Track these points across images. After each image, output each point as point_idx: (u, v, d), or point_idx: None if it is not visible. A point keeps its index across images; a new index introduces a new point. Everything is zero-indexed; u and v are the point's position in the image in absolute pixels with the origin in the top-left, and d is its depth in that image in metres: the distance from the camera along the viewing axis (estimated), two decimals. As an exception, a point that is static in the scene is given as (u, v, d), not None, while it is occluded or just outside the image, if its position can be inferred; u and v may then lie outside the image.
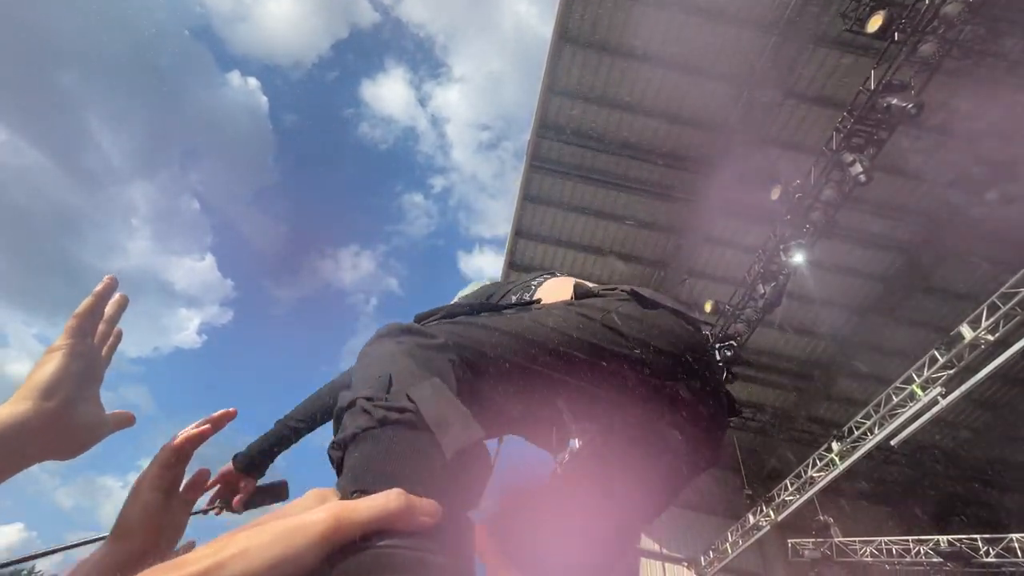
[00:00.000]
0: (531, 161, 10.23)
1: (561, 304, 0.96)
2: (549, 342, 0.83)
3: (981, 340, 7.59)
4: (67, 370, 0.56)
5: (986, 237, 9.40)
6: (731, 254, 10.72)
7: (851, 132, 7.09)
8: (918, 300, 10.84)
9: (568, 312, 0.91)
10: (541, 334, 0.84)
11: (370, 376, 0.63)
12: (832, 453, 9.68)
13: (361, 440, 0.52)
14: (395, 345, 0.71)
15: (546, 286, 1.31)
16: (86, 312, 0.59)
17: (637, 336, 0.88)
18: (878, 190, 9.11)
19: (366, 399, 0.56)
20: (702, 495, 13.23)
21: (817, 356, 12.31)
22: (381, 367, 0.65)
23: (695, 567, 12.16)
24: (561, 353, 0.83)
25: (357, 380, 0.66)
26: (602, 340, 0.86)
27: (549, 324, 0.87)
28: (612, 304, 0.93)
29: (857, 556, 10.31)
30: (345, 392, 0.64)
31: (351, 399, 0.59)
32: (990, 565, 8.81)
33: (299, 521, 0.34)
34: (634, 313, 0.92)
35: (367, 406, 0.55)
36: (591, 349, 0.85)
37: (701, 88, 9.02)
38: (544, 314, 0.90)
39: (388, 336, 0.75)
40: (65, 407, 0.54)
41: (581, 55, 8.91)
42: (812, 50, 8.33)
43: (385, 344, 0.72)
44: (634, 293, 0.98)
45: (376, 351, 0.71)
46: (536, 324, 0.86)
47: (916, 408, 8.23)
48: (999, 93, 7.93)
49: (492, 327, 0.82)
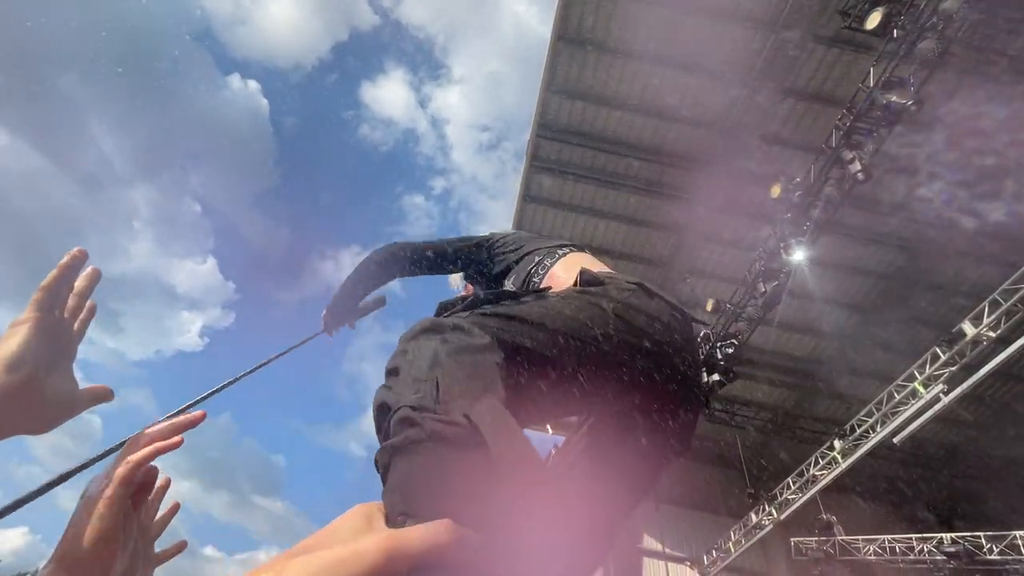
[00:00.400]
0: (531, 161, 10.24)
1: (572, 291, 0.96)
2: (571, 331, 0.84)
3: (983, 337, 7.57)
4: (32, 343, 0.54)
5: (987, 234, 9.38)
6: (732, 253, 10.71)
7: (851, 130, 7.08)
8: (920, 297, 10.82)
9: (581, 300, 0.91)
10: (562, 324, 0.84)
11: (415, 379, 0.60)
12: (834, 451, 9.67)
13: (409, 453, 0.50)
14: (440, 344, 0.67)
15: (569, 259, 1.35)
16: (51, 285, 0.57)
17: (642, 327, 0.90)
18: (879, 187, 9.10)
19: (412, 408, 0.54)
20: (704, 494, 13.22)
21: (819, 354, 12.28)
22: (427, 370, 0.62)
23: (698, 566, 12.14)
24: (578, 342, 0.83)
25: (400, 381, 0.62)
26: (611, 329, 0.87)
27: (567, 313, 0.86)
28: (620, 294, 0.95)
29: (860, 554, 10.28)
30: (387, 392, 0.61)
31: (396, 404, 0.56)
32: (994, 563, 8.78)
33: (349, 552, 0.34)
34: (640, 305, 0.94)
35: (415, 416, 0.53)
36: (602, 339, 0.85)
37: (700, 86, 9.02)
38: (561, 302, 0.90)
39: (432, 332, 0.71)
40: (31, 381, 0.53)
41: (580, 55, 8.91)
42: (811, 48, 8.33)
43: (429, 342, 0.69)
44: (640, 285, 1.00)
45: (419, 350, 0.67)
46: (557, 314, 0.86)
47: (918, 406, 8.22)
48: (999, 89, 7.92)
49: (524, 318, 0.81)
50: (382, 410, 0.60)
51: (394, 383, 0.63)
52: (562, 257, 1.36)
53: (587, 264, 1.24)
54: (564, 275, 1.28)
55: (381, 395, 0.62)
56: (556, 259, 1.36)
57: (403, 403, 0.55)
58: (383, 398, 0.61)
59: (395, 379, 0.64)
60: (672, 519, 12.62)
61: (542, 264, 1.37)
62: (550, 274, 1.34)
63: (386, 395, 0.61)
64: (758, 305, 8.48)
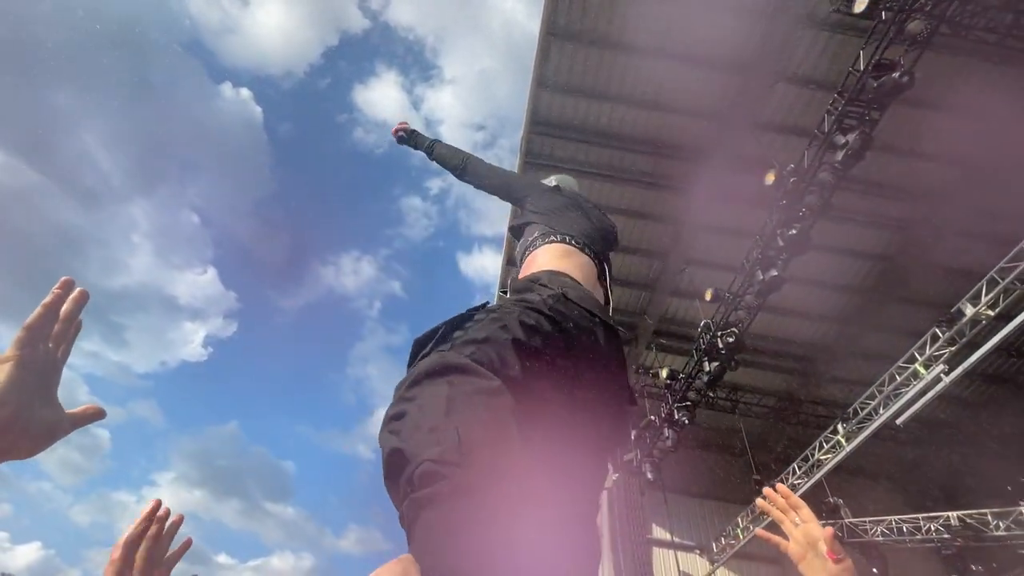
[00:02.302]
0: (524, 158, 10.24)
1: (511, 300, 1.03)
2: (537, 348, 0.88)
3: (982, 316, 7.58)
4: (16, 381, 0.56)
5: (982, 212, 9.38)
6: (729, 241, 10.71)
7: (843, 114, 7.07)
8: (919, 278, 10.83)
9: (526, 312, 0.96)
10: (532, 343, 0.88)
11: (432, 429, 0.59)
12: (838, 435, 9.70)
13: (439, 507, 0.50)
14: (448, 388, 0.66)
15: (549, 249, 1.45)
16: (35, 324, 0.60)
17: (569, 329, 0.98)
18: (873, 170, 9.09)
19: (434, 461, 0.52)
20: (711, 483, 13.29)
21: (820, 339, 12.31)
22: (443, 417, 0.60)
23: (707, 554, 12.22)
24: (537, 356, 0.87)
25: (411, 428, 0.61)
26: (550, 334, 0.94)
27: (528, 322, 0.92)
28: (548, 301, 1.03)
29: (868, 536, 10.33)
30: (396, 439, 0.60)
31: (416, 456, 0.55)
32: (1001, 539, 8.83)
33: None
34: (566, 311, 1.03)
35: (441, 470, 0.51)
36: (546, 343, 0.91)
37: (692, 76, 9.00)
38: (514, 312, 0.95)
39: (438, 376, 0.69)
40: (16, 415, 0.55)
41: (570, 48, 8.90)
42: (801, 33, 8.31)
43: (436, 387, 0.67)
44: (564, 295, 1.09)
45: (426, 395, 0.66)
46: (518, 325, 0.90)
47: (920, 386, 8.24)
48: (990, 67, 7.90)
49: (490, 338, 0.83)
50: (394, 458, 0.58)
51: (403, 429, 0.62)
52: (547, 244, 1.44)
53: (559, 259, 1.35)
54: (538, 261, 1.39)
55: (391, 441, 0.60)
56: (543, 244, 1.45)
57: (425, 456, 0.54)
58: (395, 444, 0.59)
59: (402, 424, 0.63)
60: (680, 508, 12.68)
61: (535, 243, 1.48)
62: (533, 255, 1.44)
63: (398, 442, 0.59)
64: (757, 293, 8.49)
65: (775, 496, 1.08)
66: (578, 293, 1.14)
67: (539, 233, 1.50)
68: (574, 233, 1.48)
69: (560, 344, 0.94)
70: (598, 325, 1.09)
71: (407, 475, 0.54)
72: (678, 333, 12.15)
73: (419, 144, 2.15)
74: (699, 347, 9.39)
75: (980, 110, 8.55)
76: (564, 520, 0.80)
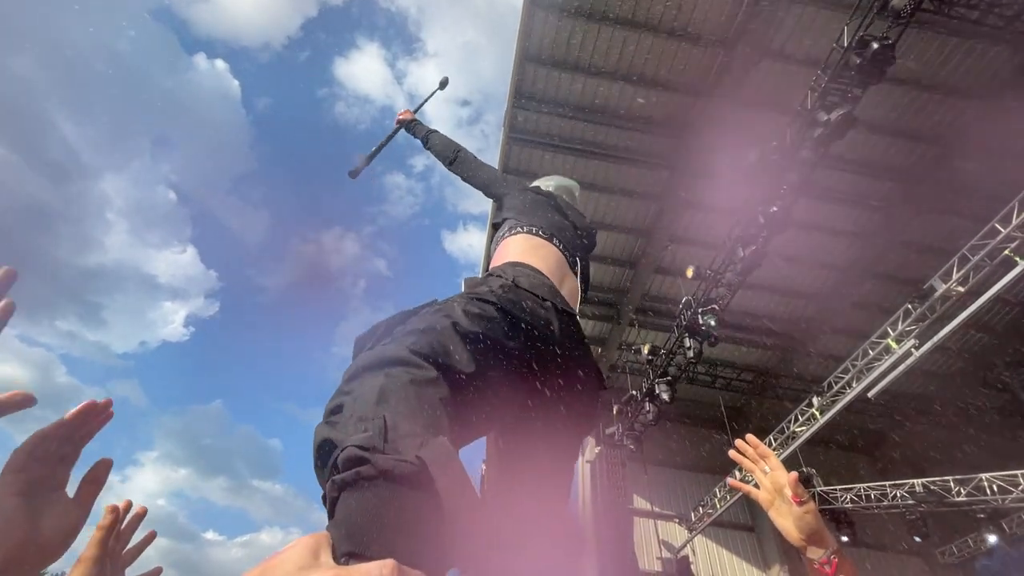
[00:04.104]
0: (509, 132, 10.08)
1: (462, 297, 1.01)
2: (483, 334, 0.88)
3: (952, 292, 7.80)
4: None
5: (955, 191, 9.56)
6: (713, 218, 10.77)
7: (825, 91, 7.07)
8: (893, 255, 11.06)
9: (471, 301, 0.96)
10: (476, 329, 0.88)
11: (361, 418, 0.60)
12: (813, 408, 10.01)
13: (359, 489, 0.50)
14: (384, 379, 0.67)
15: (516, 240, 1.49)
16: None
17: (522, 317, 1.00)
18: (854, 148, 9.16)
19: (360, 447, 0.53)
20: (690, 455, 13.67)
21: (798, 315, 12.57)
22: (373, 406, 0.62)
23: (686, 523, 12.66)
24: (485, 343, 0.87)
25: (344, 419, 0.62)
26: (496, 320, 0.95)
27: (472, 311, 0.92)
28: (498, 291, 1.04)
29: (839, 503, 10.80)
30: (330, 429, 0.60)
31: (343, 443, 0.55)
32: (961, 504, 9.29)
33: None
34: (516, 298, 1.04)
35: (364, 455, 0.52)
36: (491, 330, 0.91)
37: (677, 51, 8.89)
38: (459, 303, 0.95)
39: (374, 368, 0.70)
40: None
41: (554, 20, 8.70)
42: (787, 7, 8.22)
43: (373, 379, 0.68)
44: (515, 284, 1.11)
45: (362, 387, 0.67)
46: (461, 314, 0.90)
47: (891, 360, 8.50)
48: (970, 43, 7.94)
49: (434, 327, 0.83)
50: (324, 447, 0.59)
51: (337, 420, 0.62)
52: (513, 235, 1.49)
53: (523, 251, 1.39)
54: (504, 253, 1.44)
55: (323, 432, 0.61)
56: (510, 235, 1.50)
57: (350, 442, 0.55)
58: (325, 435, 0.60)
59: (338, 416, 0.63)
60: (660, 479, 13.06)
61: (503, 235, 1.54)
62: (502, 246, 1.49)
63: (329, 432, 0.60)
64: (737, 270, 8.59)
65: (745, 447, 1.14)
66: (531, 281, 1.15)
67: (507, 227, 1.57)
68: (542, 225, 1.52)
69: (507, 331, 0.94)
70: (551, 311, 1.09)
71: (332, 459, 0.55)
72: (660, 310, 12.29)
73: (417, 132, 2.26)
74: (680, 324, 9.52)
75: (958, 88, 8.62)
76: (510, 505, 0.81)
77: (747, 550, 12.83)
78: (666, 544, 12.43)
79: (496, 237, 1.61)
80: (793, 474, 1.04)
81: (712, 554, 12.62)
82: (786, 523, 1.01)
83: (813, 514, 0.99)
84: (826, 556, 0.96)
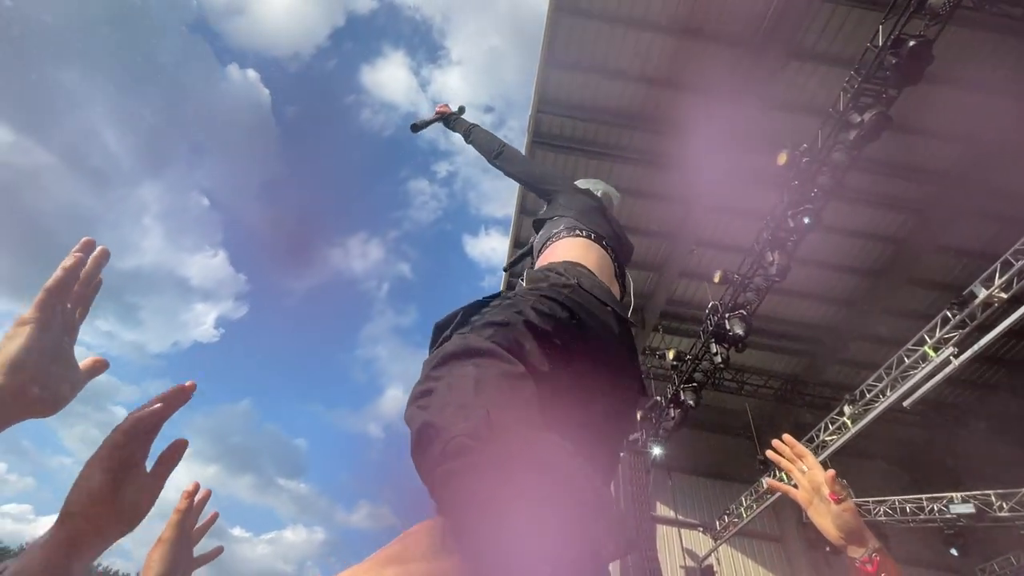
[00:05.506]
0: (533, 138, 10.12)
1: (530, 293, 1.03)
2: (552, 333, 0.89)
3: (994, 298, 7.50)
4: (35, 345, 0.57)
5: (996, 194, 9.20)
6: (739, 222, 10.61)
7: (859, 91, 6.90)
8: (930, 260, 10.70)
9: (540, 299, 0.97)
10: (547, 327, 0.88)
11: (461, 405, 0.60)
12: (844, 416, 9.72)
13: (470, 476, 0.51)
14: (474, 368, 0.68)
15: (568, 243, 1.50)
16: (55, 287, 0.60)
17: (583, 318, 1.00)
18: (887, 150, 8.91)
19: (468, 436, 0.54)
20: (716, 462, 13.42)
21: (828, 321, 12.26)
22: (473, 397, 0.62)
23: (711, 532, 12.42)
24: (554, 342, 0.88)
25: (440, 405, 0.62)
26: (564, 321, 0.95)
27: (542, 309, 0.92)
28: (563, 290, 1.05)
29: (871, 516, 10.45)
30: (425, 413, 0.61)
31: (448, 431, 0.56)
32: (1004, 519, 8.89)
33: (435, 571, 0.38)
34: (580, 300, 1.04)
35: (473, 444, 0.53)
36: (559, 330, 0.91)
37: (703, 52, 8.80)
38: (528, 299, 0.96)
39: (464, 357, 0.71)
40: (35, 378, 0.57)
41: (579, 25, 8.71)
42: (819, 6, 8.07)
43: (463, 366, 0.69)
44: (578, 285, 1.11)
45: (454, 375, 0.67)
46: (532, 311, 0.90)
47: (928, 369, 8.20)
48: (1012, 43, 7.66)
49: (508, 322, 0.84)
50: (426, 430, 0.60)
51: (431, 405, 0.63)
52: (572, 237, 1.49)
53: (578, 251, 1.40)
54: (557, 252, 1.43)
55: (420, 416, 0.62)
56: (568, 236, 1.50)
57: (457, 431, 0.55)
58: (425, 419, 0.61)
59: (430, 401, 0.64)
60: (684, 487, 12.86)
61: (559, 235, 1.53)
62: (554, 246, 1.49)
63: (428, 416, 0.61)
64: (766, 274, 8.43)
65: (782, 447, 1.13)
66: (592, 283, 1.17)
67: (564, 226, 1.54)
68: (598, 231, 1.54)
69: (574, 331, 0.95)
70: (610, 315, 1.10)
71: (439, 447, 0.56)
72: (685, 315, 12.13)
73: (458, 127, 2.26)
74: (706, 329, 9.38)
75: (998, 88, 8.32)
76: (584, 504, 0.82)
77: (773, 561, 12.51)
78: (689, 552, 12.21)
79: (550, 233, 1.56)
80: (831, 472, 1.03)
81: (737, 564, 12.35)
82: (825, 522, 1.01)
83: (852, 512, 0.99)
84: (867, 555, 0.94)
